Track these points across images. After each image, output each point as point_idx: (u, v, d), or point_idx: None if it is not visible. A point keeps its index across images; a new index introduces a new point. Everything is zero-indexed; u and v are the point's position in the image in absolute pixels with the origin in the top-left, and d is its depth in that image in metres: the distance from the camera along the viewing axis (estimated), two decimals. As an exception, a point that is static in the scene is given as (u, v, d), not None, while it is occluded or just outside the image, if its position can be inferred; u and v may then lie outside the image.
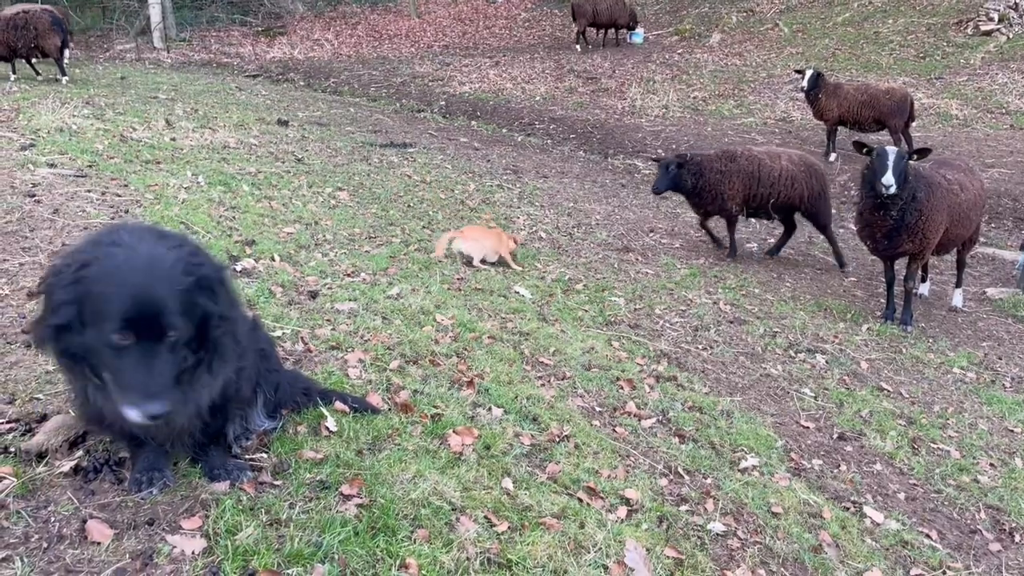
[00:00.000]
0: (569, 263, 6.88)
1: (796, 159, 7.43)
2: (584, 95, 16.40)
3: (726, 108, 15.19)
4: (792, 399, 4.64)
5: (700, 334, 5.47)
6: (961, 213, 6.19)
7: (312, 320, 3.88)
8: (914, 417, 4.65)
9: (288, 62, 19.23)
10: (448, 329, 4.24)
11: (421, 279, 5.30)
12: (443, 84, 17.16)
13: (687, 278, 6.81)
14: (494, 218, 8.01)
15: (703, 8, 21.77)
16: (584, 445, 3.25)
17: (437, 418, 3.06)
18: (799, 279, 7.32)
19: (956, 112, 13.95)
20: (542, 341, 4.55)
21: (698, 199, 7.42)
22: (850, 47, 17.57)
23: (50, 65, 12.62)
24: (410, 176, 9.16)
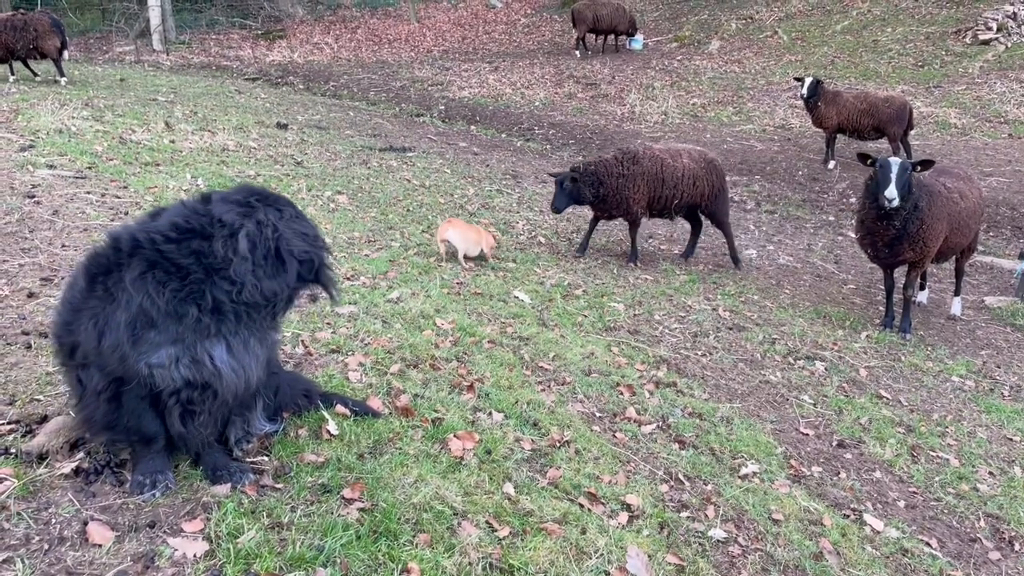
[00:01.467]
0: (568, 268, 6.89)
1: (696, 156, 7.27)
2: (583, 101, 16.42)
3: (725, 115, 15.22)
4: (791, 406, 4.65)
5: (699, 340, 5.47)
6: (960, 221, 6.21)
7: (312, 323, 3.87)
8: (913, 425, 4.65)
9: (287, 65, 19.24)
10: (448, 333, 4.24)
11: (421, 283, 5.30)
12: (442, 89, 17.17)
13: (686, 284, 6.82)
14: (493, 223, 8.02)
15: (702, 15, 21.83)
16: (585, 450, 3.25)
17: (438, 422, 3.05)
18: (798, 286, 7.33)
19: (954, 121, 14.00)
20: (542, 346, 4.55)
21: (603, 205, 7.12)
22: (849, 55, 17.62)
23: (49, 66, 12.61)
24: (409, 180, 9.17)
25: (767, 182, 11.49)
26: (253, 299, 2.15)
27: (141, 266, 2.09)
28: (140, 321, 2.06)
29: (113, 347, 2.07)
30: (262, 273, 2.15)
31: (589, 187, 6.94)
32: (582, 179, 6.95)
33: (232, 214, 2.15)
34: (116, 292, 2.09)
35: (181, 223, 2.15)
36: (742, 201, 10.65)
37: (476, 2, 28.07)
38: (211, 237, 2.13)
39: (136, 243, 2.12)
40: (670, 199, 7.12)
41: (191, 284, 2.09)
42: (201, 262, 2.11)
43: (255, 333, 2.24)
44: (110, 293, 2.10)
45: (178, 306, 2.09)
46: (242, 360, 2.19)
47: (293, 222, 2.24)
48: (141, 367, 2.08)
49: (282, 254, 2.18)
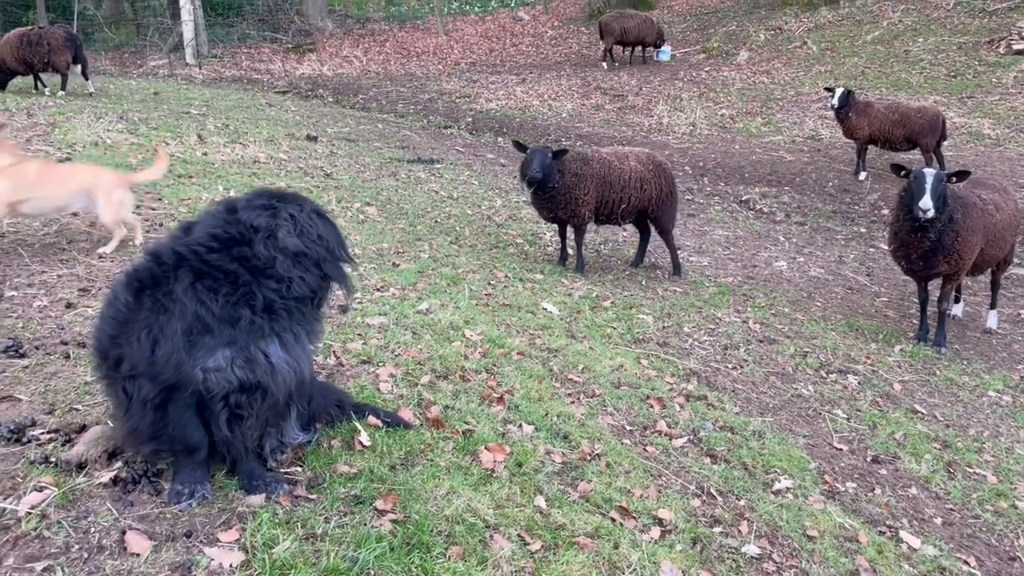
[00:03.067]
0: (596, 280, 6.88)
1: (644, 159, 7.08)
2: (611, 112, 16.42)
3: (754, 126, 15.12)
4: (824, 420, 4.59)
5: (729, 353, 5.43)
6: (996, 234, 6.11)
7: (343, 334, 3.90)
8: (949, 440, 4.57)
9: (317, 78, 19.45)
10: (477, 344, 4.24)
11: (450, 294, 5.32)
12: (470, 101, 17.25)
13: (715, 296, 6.77)
14: (521, 234, 8.03)
15: (730, 26, 21.74)
16: (615, 464, 3.23)
17: (468, 434, 3.06)
18: (829, 298, 7.25)
19: (988, 131, 13.77)
20: (571, 358, 4.54)
21: (550, 204, 6.81)
22: (879, 65, 17.43)
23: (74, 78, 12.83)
24: (437, 192, 9.22)
25: (797, 193, 11.38)
26: (302, 292, 2.29)
27: (189, 276, 2.19)
28: (196, 328, 2.17)
29: (168, 355, 2.15)
30: (302, 268, 2.28)
31: (558, 172, 6.65)
32: (557, 162, 6.66)
33: (262, 218, 2.28)
34: (166, 303, 2.18)
35: (220, 233, 2.27)
36: (771, 212, 10.57)
37: (503, 14, 28.22)
38: (251, 242, 2.24)
39: (179, 256, 2.22)
40: (617, 203, 6.92)
41: (242, 287, 2.23)
42: (246, 266, 2.23)
43: (304, 326, 2.38)
44: (160, 304, 2.19)
45: (232, 310, 2.21)
46: (295, 354, 2.34)
47: (310, 220, 2.38)
48: (196, 372, 2.17)
49: None
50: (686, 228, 9.39)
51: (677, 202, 7.41)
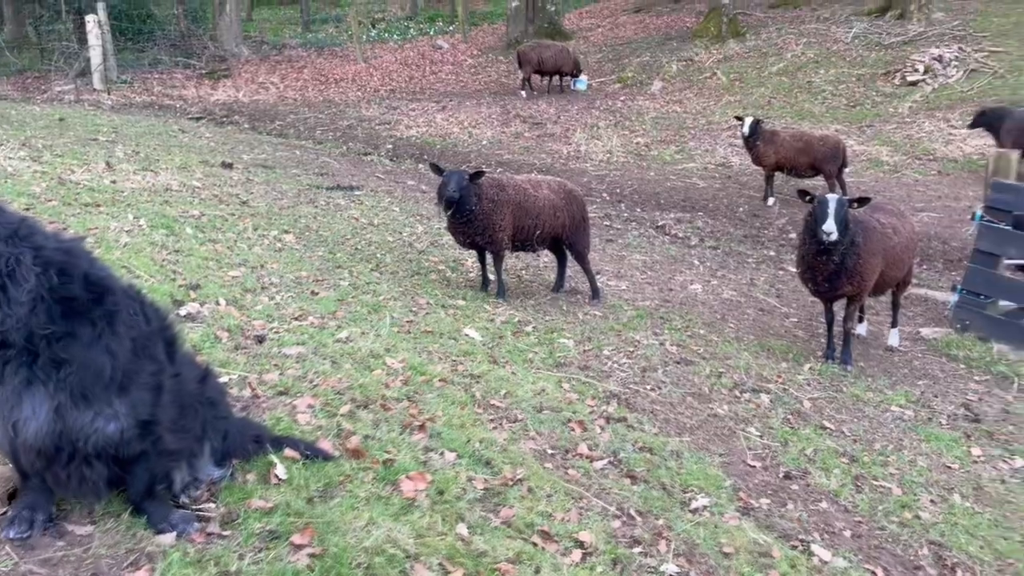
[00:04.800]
0: (518, 305, 6.93)
1: (556, 187, 7.25)
2: (530, 140, 16.65)
3: (668, 154, 15.58)
4: (739, 438, 4.72)
5: (648, 375, 5.54)
6: (895, 256, 6.44)
7: (260, 365, 3.82)
8: (856, 455, 4.76)
9: (233, 105, 19.10)
10: (399, 372, 4.22)
11: (370, 322, 5.27)
12: (390, 128, 17.24)
13: (634, 319, 6.90)
14: (443, 260, 8.03)
15: (644, 57, 22.40)
16: (537, 488, 3.25)
17: (389, 463, 3.02)
18: (742, 320, 7.48)
19: (886, 158, 14.55)
20: (493, 383, 4.55)
21: (467, 228, 6.82)
22: (785, 96, 18.25)
23: None
24: (357, 219, 9.15)
25: (710, 218, 11.75)
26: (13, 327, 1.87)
27: None
28: None
29: None
30: None
31: (474, 196, 6.67)
32: (474, 185, 6.69)
33: None
34: None
35: None
36: (686, 237, 10.87)
37: (423, 42, 28.38)
38: None
39: None
40: (532, 229, 7.02)
41: None
42: None
43: (35, 374, 1.97)
44: None
45: None
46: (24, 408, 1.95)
47: None
48: None
49: None
50: (605, 253, 9.55)
51: (589, 228, 7.55)
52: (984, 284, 7.27)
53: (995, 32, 18.98)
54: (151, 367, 2.13)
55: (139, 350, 2.08)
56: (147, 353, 2.12)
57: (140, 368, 2.09)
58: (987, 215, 7.22)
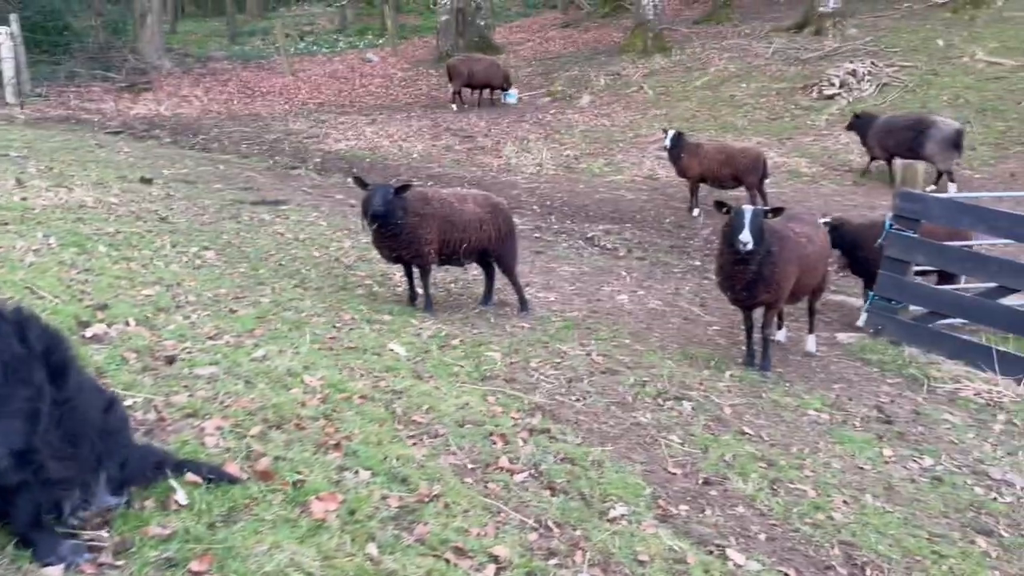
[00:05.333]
0: (446, 319, 6.90)
1: (482, 201, 7.28)
2: (461, 153, 16.66)
3: (597, 166, 15.77)
4: (660, 446, 4.77)
5: (574, 385, 5.56)
6: (810, 264, 6.63)
7: (168, 387, 3.70)
8: (773, 459, 4.86)
9: (154, 119, 18.61)
10: (317, 391, 4.14)
11: (291, 340, 5.16)
12: (318, 141, 17.03)
13: (561, 330, 6.93)
14: (370, 275, 7.95)
15: (573, 71, 22.68)
16: (454, 504, 3.22)
17: (299, 484, 2.96)
18: (666, 329, 7.59)
19: (805, 170, 15.02)
20: (416, 399, 4.51)
21: (393, 243, 6.79)
22: (709, 109, 18.68)
23: None
24: (282, 234, 8.99)
25: (637, 230, 11.92)
26: None
27: None
28: None
29: None
30: None
31: (401, 210, 6.62)
32: (400, 199, 6.61)
33: None
34: None
35: None
36: (614, 248, 10.99)
37: (352, 56, 28.17)
38: None
39: None
40: (459, 243, 7.01)
41: None
42: None
43: None
44: None
45: None
46: None
47: None
48: None
49: None
50: (534, 265, 9.59)
51: (517, 241, 7.57)
52: (895, 290, 7.54)
53: (905, 48, 19.83)
54: (25, 392, 2.03)
55: (9, 375, 1.98)
56: (19, 377, 2.02)
57: (10, 394, 1.99)
58: (896, 224, 7.50)
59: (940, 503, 4.66)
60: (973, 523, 4.47)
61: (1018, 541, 4.29)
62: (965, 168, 14.60)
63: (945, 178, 13.07)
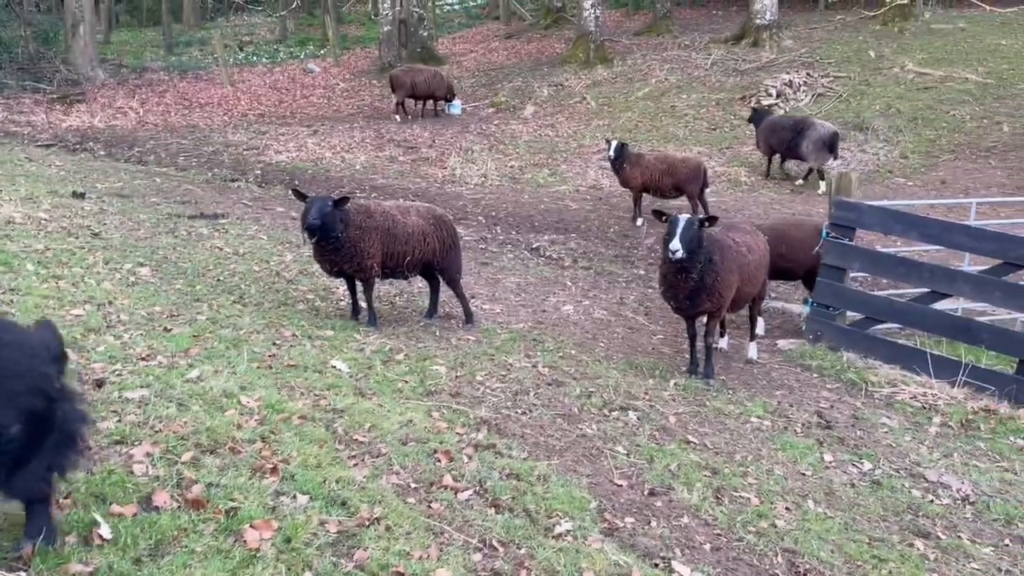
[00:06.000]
0: (390, 333, 6.80)
1: (425, 213, 7.26)
2: (405, 164, 16.54)
3: (541, 176, 15.82)
4: (606, 458, 4.76)
5: (520, 398, 5.52)
6: (750, 273, 6.72)
7: (95, 412, 3.54)
8: (718, 467, 4.89)
9: (87, 131, 18.05)
10: (254, 412, 4.02)
11: (228, 358, 5.02)
12: (258, 153, 16.73)
13: (507, 342, 6.89)
14: (312, 289, 7.80)
15: (516, 82, 22.76)
16: (396, 526, 3.15)
17: (233, 513, 2.85)
18: (612, 339, 7.62)
19: (744, 179, 15.32)
20: (358, 417, 4.41)
21: (335, 256, 6.70)
22: (650, 120, 18.94)
23: None
24: (221, 248, 8.77)
25: (582, 239, 11.99)
26: None
27: None
28: None
29: None
30: None
31: (341, 222, 6.54)
32: (340, 211, 6.53)
33: None
34: None
35: None
36: (560, 258, 11.03)
37: (293, 66, 27.81)
38: None
39: None
40: (402, 256, 6.97)
41: None
42: None
43: None
44: None
45: None
46: None
47: None
48: None
49: None
50: (480, 276, 9.55)
51: (461, 254, 7.52)
52: (833, 296, 7.70)
53: (838, 59, 20.43)
54: None
55: None
56: None
57: None
58: (832, 232, 7.67)
59: (879, 507, 4.75)
60: (911, 526, 4.56)
61: (955, 543, 4.39)
62: (898, 176, 15.09)
63: (816, 175, 14.64)
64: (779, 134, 14.86)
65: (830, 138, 14.31)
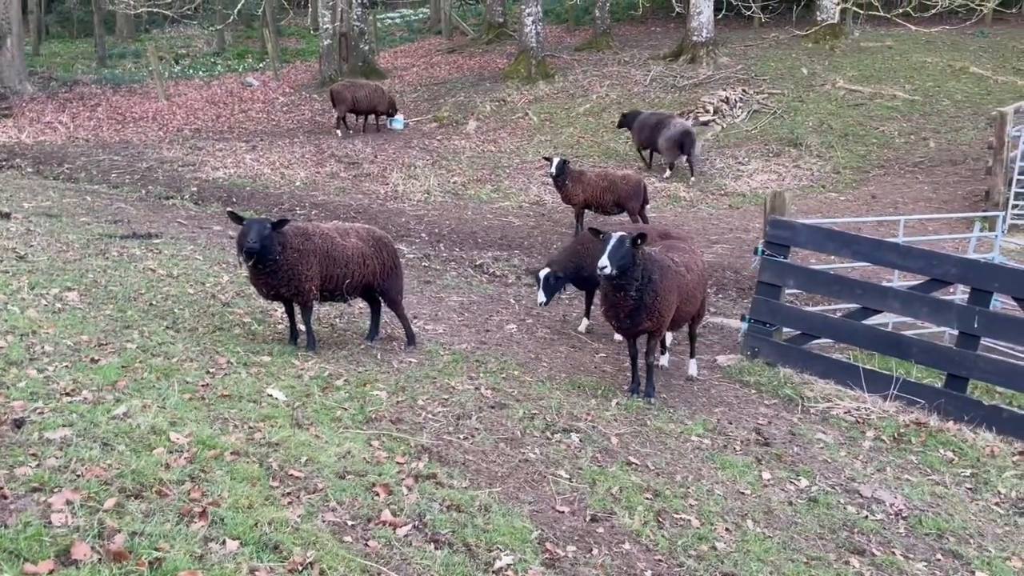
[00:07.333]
0: (330, 357, 6.68)
1: (364, 234, 7.20)
2: (346, 180, 16.37)
3: (484, 192, 15.82)
4: (549, 483, 4.73)
5: (462, 423, 5.47)
6: (689, 292, 6.80)
7: (12, 456, 3.37)
8: (659, 489, 4.90)
9: (14, 147, 17.43)
10: (183, 449, 3.88)
11: (158, 390, 4.86)
12: (195, 169, 16.37)
13: (450, 364, 6.83)
14: (248, 312, 7.62)
15: (459, 97, 22.75)
16: (331, 569, 3.06)
17: (157, 564, 2.73)
18: (555, 358, 7.62)
19: (684, 195, 15.56)
20: (293, 450, 4.31)
21: (273, 279, 6.56)
22: (592, 135, 19.12)
23: None
24: (155, 270, 8.53)
25: (525, 256, 12.00)
26: None
27: None
28: None
29: None
30: None
31: (279, 244, 6.41)
32: (278, 234, 6.41)
33: None
34: None
35: None
36: (503, 275, 11.02)
37: (231, 79, 27.32)
38: None
39: None
40: (341, 279, 6.88)
41: None
42: None
43: None
44: None
45: None
46: None
47: None
48: None
49: None
50: (423, 295, 9.48)
51: (402, 274, 7.45)
52: (769, 313, 7.84)
53: (773, 76, 20.96)
54: None
55: None
56: None
57: None
58: (767, 249, 7.82)
59: (816, 524, 4.82)
60: (847, 543, 4.64)
61: (889, 559, 4.48)
62: (831, 191, 15.51)
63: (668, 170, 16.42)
64: (645, 130, 16.39)
65: (679, 136, 15.72)
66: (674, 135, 15.74)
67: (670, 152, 15.99)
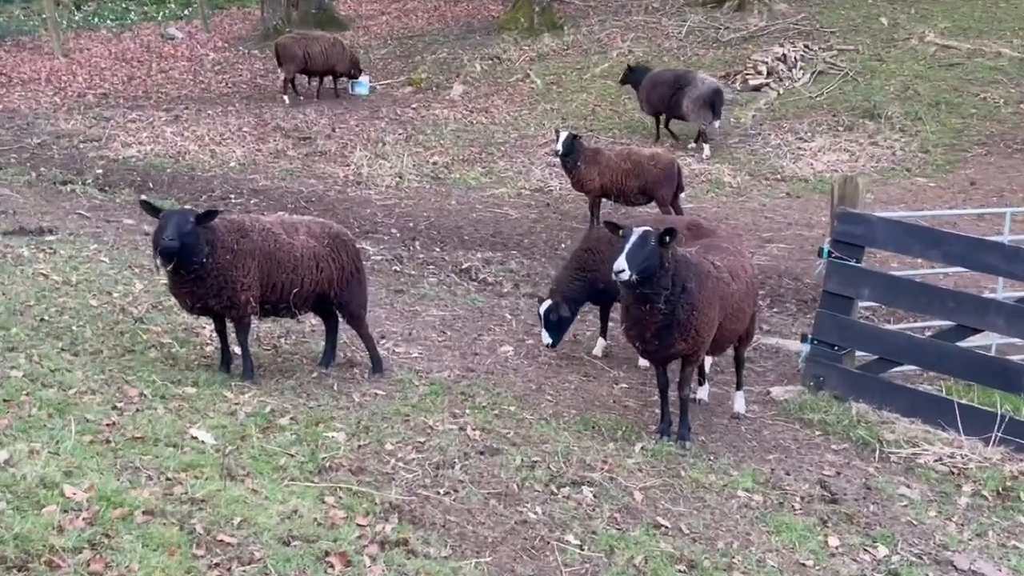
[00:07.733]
0: (273, 387, 6.72)
1: (318, 231, 7.18)
2: (295, 160, 16.45)
3: (473, 176, 15.89)
4: (553, 552, 4.76)
5: (442, 473, 5.50)
6: (734, 305, 6.81)
7: None
8: (696, 559, 4.92)
9: None
10: (82, 507, 3.91)
11: (50, 431, 4.89)
12: (100, 146, 16.47)
13: (427, 398, 6.87)
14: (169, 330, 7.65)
15: (441, 53, 22.86)
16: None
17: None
18: (561, 389, 7.65)
19: (728, 179, 15.61)
20: (224, 509, 4.34)
21: (199, 287, 6.51)
22: (611, 104, 19.20)
23: None
24: (47, 276, 8.58)
25: (525, 258, 12.05)
26: None
27: None
28: None
29: None
30: None
31: (208, 244, 6.39)
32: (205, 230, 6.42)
33: None
34: None
35: None
36: (497, 283, 11.06)
37: (148, 30, 27.50)
38: None
39: None
40: (287, 287, 6.85)
41: None
42: None
43: None
44: None
45: None
46: None
47: None
48: None
49: None
50: (393, 309, 9.52)
51: (366, 282, 7.49)
52: (837, 332, 7.86)
53: (844, 28, 21.09)
54: None
55: None
56: None
57: None
58: (835, 251, 7.85)
59: (898, 605, 4.84)
60: (937, 630, 4.66)
61: (989, 650, 4.50)
62: (917, 176, 15.57)
63: (702, 139, 16.66)
64: (660, 90, 16.69)
65: (710, 95, 16.12)
66: (704, 93, 16.03)
67: (699, 114, 16.26)
